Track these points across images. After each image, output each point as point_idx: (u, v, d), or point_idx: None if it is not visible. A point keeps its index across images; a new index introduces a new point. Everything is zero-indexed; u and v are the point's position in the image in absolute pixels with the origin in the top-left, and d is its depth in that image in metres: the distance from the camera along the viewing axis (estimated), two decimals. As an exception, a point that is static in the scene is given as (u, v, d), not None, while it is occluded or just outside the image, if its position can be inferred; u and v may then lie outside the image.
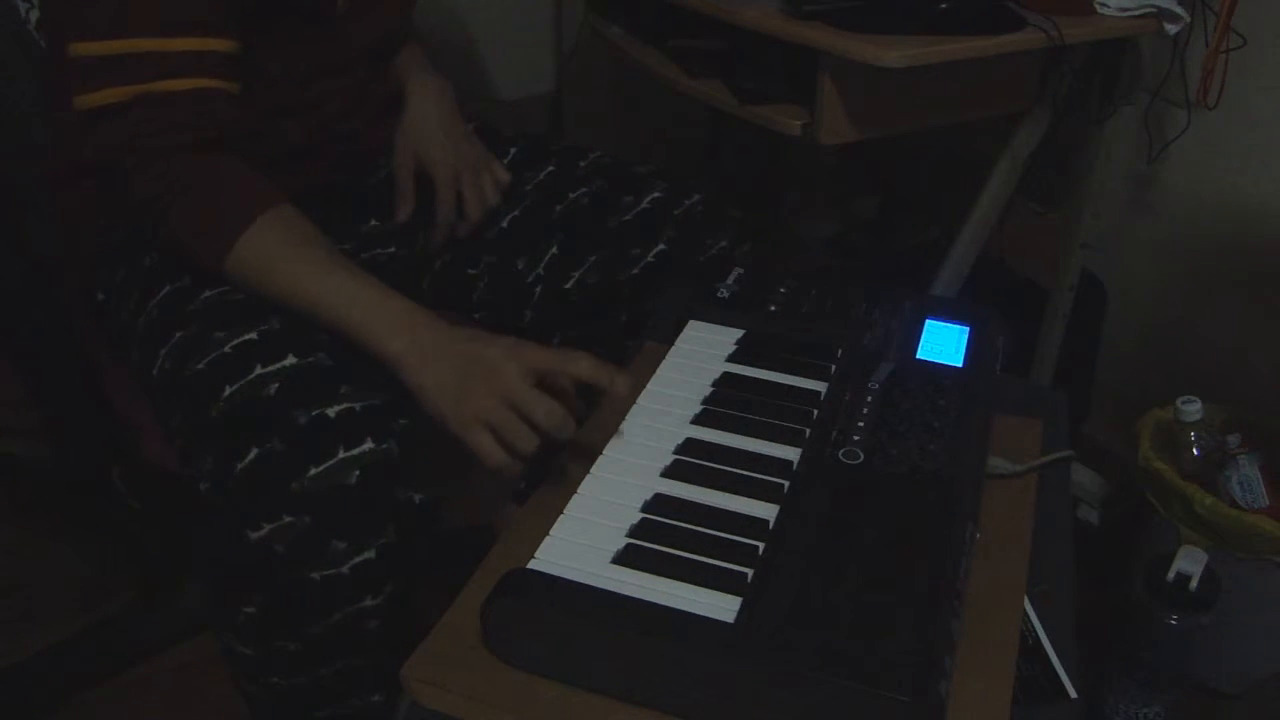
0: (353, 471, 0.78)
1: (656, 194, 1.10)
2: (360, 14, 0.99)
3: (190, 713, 1.24)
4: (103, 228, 0.96)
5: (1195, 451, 1.33)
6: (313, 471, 0.77)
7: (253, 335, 0.83)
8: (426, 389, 0.81)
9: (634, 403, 0.81)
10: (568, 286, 1.09)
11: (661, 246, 1.07)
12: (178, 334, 0.86)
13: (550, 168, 1.14)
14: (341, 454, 0.78)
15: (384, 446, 0.79)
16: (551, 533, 0.68)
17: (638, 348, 0.93)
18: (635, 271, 1.08)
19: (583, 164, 1.14)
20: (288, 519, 0.76)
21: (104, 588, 1.39)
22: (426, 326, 0.82)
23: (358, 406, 0.80)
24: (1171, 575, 1.14)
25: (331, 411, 0.79)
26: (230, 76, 0.86)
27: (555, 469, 0.77)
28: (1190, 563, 1.14)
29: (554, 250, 1.09)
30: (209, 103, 0.84)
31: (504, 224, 1.12)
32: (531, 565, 0.65)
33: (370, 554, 0.79)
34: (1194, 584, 1.13)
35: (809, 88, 1.19)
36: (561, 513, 0.70)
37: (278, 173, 0.87)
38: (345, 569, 0.79)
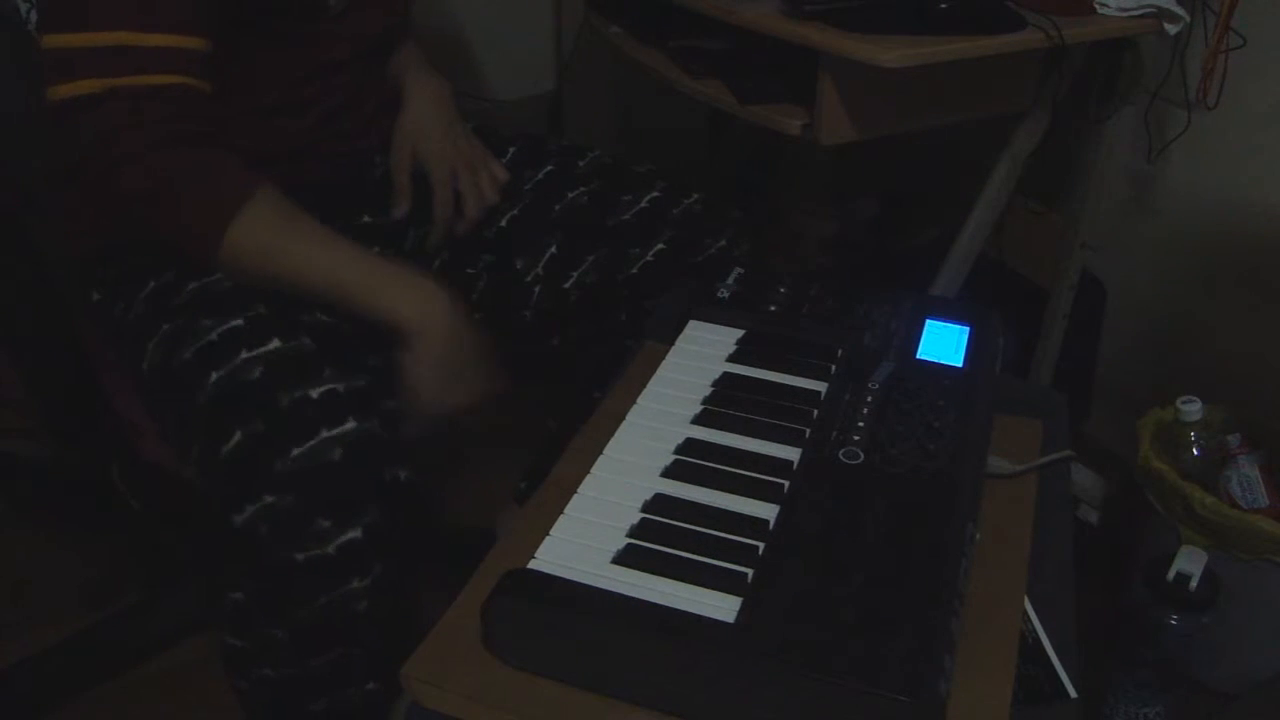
0: (335, 450, 0.78)
1: (655, 193, 1.10)
2: (355, 13, 0.99)
3: (190, 713, 1.24)
4: (97, 227, 0.96)
5: (1195, 451, 1.33)
6: (295, 452, 0.77)
7: (239, 322, 0.83)
8: (426, 363, 0.82)
9: (634, 403, 0.81)
10: (566, 286, 1.09)
11: (661, 246, 1.07)
12: (164, 326, 0.86)
13: (549, 167, 1.14)
14: (324, 433, 0.78)
15: (366, 425, 0.79)
16: (551, 533, 0.68)
17: (638, 348, 0.93)
18: (634, 271, 1.08)
19: (581, 164, 1.14)
20: (269, 499, 0.76)
21: (104, 588, 1.39)
22: (442, 299, 0.85)
23: (341, 388, 0.80)
24: (1171, 575, 1.14)
25: (314, 393, 0.79)
26: (204, 76, 0.85)
27: (555, 469, 0.77)
28: (1190, 563, 1.14)
29: (553, 250, 1.09)
30: (184, 99, 0.83)
31: (503, 223, 1.12)
32: (531, 565, 0.65)
33: (356, 533, 0.79)
34: (1194, 584, 1.13)
35: (809, 88, 1.19)
36: (561, 513, 0.70)
37: (271, 170, 0.87)
38: (330, 549, 0.79)
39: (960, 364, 0.83)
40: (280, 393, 0.79)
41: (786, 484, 0.72)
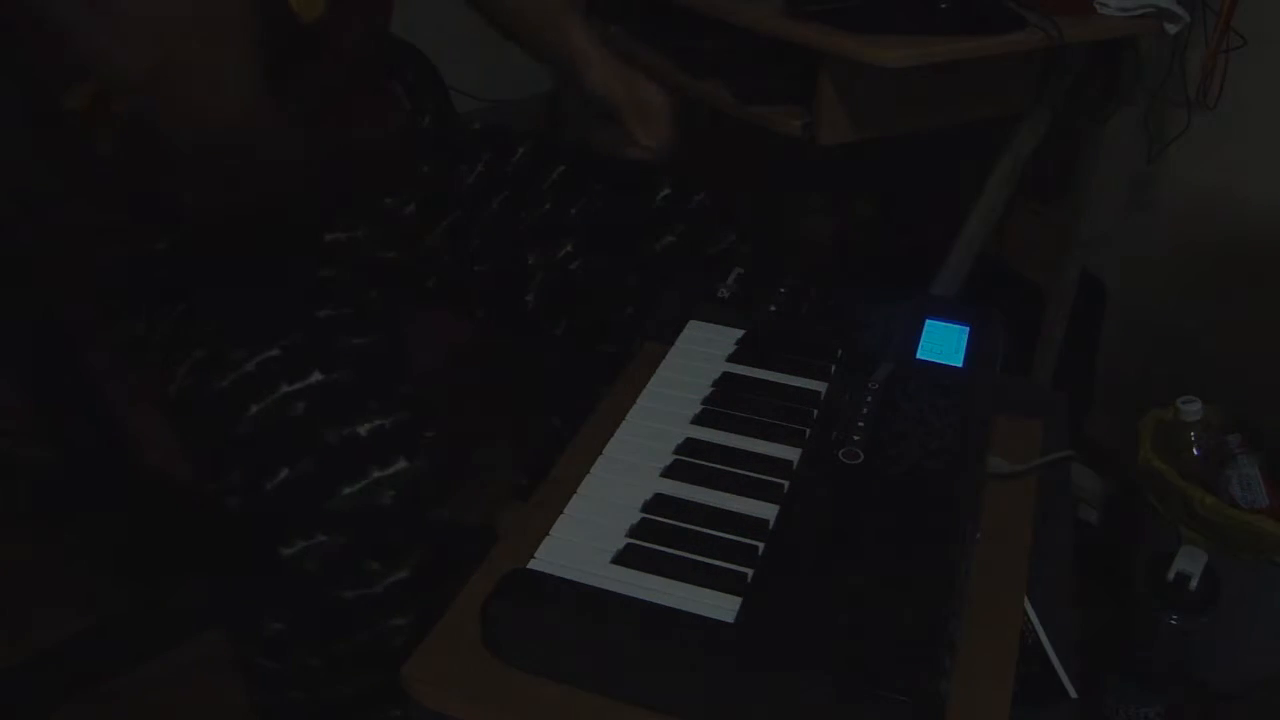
0: (387, 492, 0.78)
1: (666, 190, 1.10)
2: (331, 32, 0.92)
3: (190, 713, 1.24)
4: (107, 241, 0.95)
5: (1195, 451, 1.33)
6: (346, 491, 0.76)
7: (274, 352, 0.82)
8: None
9: (634, 403, 0.81)
10: (572, 267, 1.09)
11: (671, 239, 1.07)
12: (196, 352, 0.85)
13: (562, 167, 1.13)
14: (375, 474, 0.78)
15: (417, 464, 0.79)
16: (551, 533, 0.68)
17: (638, 348, 0.92)
18: (643, 264, 1.08)
19: (592, 162, 1.13)
20: (321, 538, 0.76)
21: (104, 588, 1.39)
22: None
23: (388, 423, 0.80)
24: (1171, 575, 1.14)
25: (363, 429, 0.79)
26: None
27: (555, 469, 0.77)
28: (1190, 563, 1.14)
29: (568, 249, 1.09)
30: None
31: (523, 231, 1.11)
32: (531, 565, 0.65)
33: (404, 574, 0.79)
34: (1194, 584, 1.13)
35: (809, 88, 1.19)
36: (561, 513, 0.70)
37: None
38: (379, 589, 0.79)
39: (960, 364, 0.83)
40: (327, 429, 0.78)
41: (786, 484, 0.72)
